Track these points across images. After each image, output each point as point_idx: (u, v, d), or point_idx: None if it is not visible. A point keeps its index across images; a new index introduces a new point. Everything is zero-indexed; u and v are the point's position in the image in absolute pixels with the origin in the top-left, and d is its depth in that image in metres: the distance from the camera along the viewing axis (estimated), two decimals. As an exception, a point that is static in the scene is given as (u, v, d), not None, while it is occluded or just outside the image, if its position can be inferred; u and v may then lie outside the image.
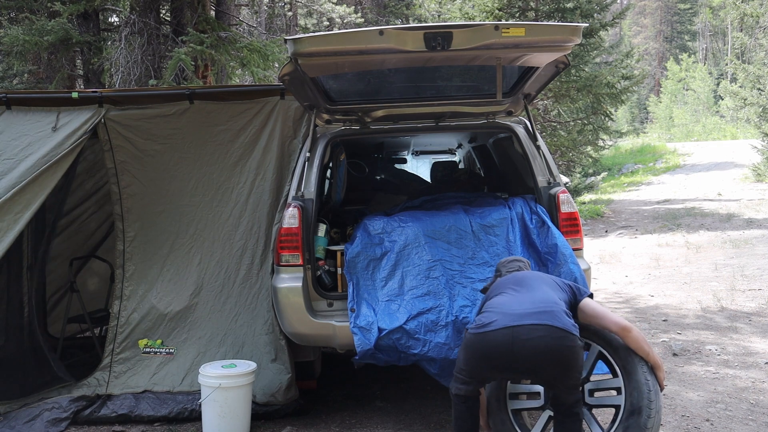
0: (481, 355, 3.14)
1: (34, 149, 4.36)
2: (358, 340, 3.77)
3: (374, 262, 4.02)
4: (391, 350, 3.79)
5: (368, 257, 4.02)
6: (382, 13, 19.63)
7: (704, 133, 35.20)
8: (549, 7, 13.49)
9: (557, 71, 3.98)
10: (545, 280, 3.37)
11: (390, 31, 3.28)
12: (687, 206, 14.82)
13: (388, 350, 3.79)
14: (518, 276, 3.43)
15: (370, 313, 3.84)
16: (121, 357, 4.51)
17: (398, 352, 3.79)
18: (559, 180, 4.34)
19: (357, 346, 3.76)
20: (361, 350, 3.76)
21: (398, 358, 3.84)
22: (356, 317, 3.83)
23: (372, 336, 3.75)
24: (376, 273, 3.99)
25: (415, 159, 7.66)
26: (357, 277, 3.99)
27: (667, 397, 4.49)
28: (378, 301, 3.90)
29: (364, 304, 3.89)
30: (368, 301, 3.91)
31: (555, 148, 13.97)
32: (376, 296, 3.92)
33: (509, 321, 3.08)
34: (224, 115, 4.65)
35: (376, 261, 4.02)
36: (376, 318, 3.80)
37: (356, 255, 4.01)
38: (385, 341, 3.76)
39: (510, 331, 3.05)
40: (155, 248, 4.63)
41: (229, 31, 9.03)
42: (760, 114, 17.86)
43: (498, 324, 3.09)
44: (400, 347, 3.76)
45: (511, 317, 3.10)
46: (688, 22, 55.08)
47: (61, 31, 8.11)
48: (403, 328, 3.75)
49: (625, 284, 8.25)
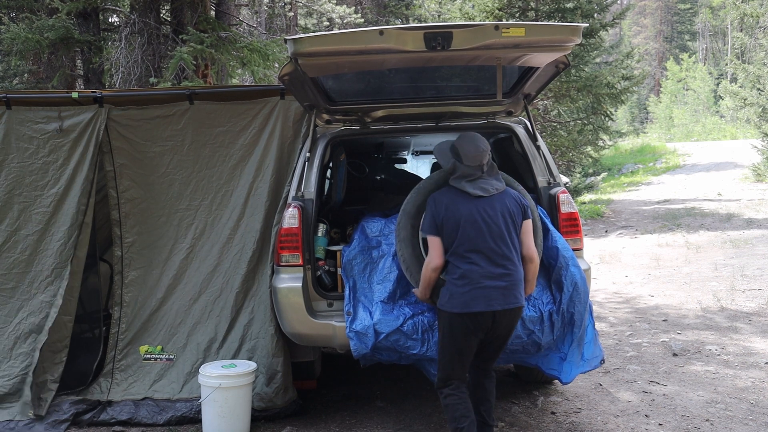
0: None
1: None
2: (354, 345, 3.77)
3: (371, 265, 4.01)
4: (390, 351, 3.79)
5: (365, 260, 4.01)
6: (382, 13, 19.63)
7: (704, 133, 35.22)
8: (549, 7, 13.49)
9: (557, 71, 3.97)
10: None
11: (390, 31, 3.28)
12: (687, 206, 14.82)
13: (388, 351, 3.80)
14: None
15: (366, 317, 3.82)
16: (122, 364, 4.51)
17: (398, 352, 3.80)
18: (559, 180, 4.34)
19: (354, 350, 3.77)
20: (358, 354, 3.77)
21: (399, 357, 3.84)
22: (352, 321, 3.82)
23: (369, 340, 3.75)
24: (372, 275, 3.98)
25: (415, 159, 7.65)
26: (354, 280, 3.98)
27: (667, 397, 4.49)
28: (374, 303, 3.88)
29: (360, 307, 3.88)
30: (364, 303, 3.90)
31: (555, 148, 13.97)
32: (372, 298, 3.91)
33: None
34: (224, 115, 4.65)
35: (372, 264, 4.01)
36: (372, 321, 3.78)
37: (353, 257, 4.01)
38: (383, 343, 3.75)
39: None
40: (154, 254, 4.63)
41: (230, 31, 9.03)
42: (760, 114, 17.85)
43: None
44: (399, 348, 3.76)
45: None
46: (688, 22, 55.09)
47: (62, 29, 8.10)
48: (400, 330, 3.74)
49: (625, 284, 8.25)
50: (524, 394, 4.60)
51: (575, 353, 3.80)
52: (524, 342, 3.75)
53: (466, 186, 3.41)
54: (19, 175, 4.60)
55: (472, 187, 3.41)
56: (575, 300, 3.76)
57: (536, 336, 3.74)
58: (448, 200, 3.42)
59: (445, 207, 3.40)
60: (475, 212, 3.37)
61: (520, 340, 3.73)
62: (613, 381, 4.88)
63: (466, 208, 3.38)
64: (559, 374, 3.82)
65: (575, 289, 3.77)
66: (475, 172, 3.44)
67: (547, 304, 3.80)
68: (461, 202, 3.40)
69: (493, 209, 3.39)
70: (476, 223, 3.35)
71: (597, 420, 4.17)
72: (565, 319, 3.77)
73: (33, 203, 4.60)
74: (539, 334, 3.75)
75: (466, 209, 3.37)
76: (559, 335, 3.79)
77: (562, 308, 3.76)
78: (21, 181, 4.60)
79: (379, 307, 3.83)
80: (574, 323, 3.75)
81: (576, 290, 3.76)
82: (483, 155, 3.46)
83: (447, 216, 3.38)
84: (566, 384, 3.87)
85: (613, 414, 4.25)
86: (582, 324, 3.77)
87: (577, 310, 3.75)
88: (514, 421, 4.15)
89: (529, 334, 3.73)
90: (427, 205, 3.52)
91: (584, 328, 3.80)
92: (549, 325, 3.76)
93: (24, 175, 4.60)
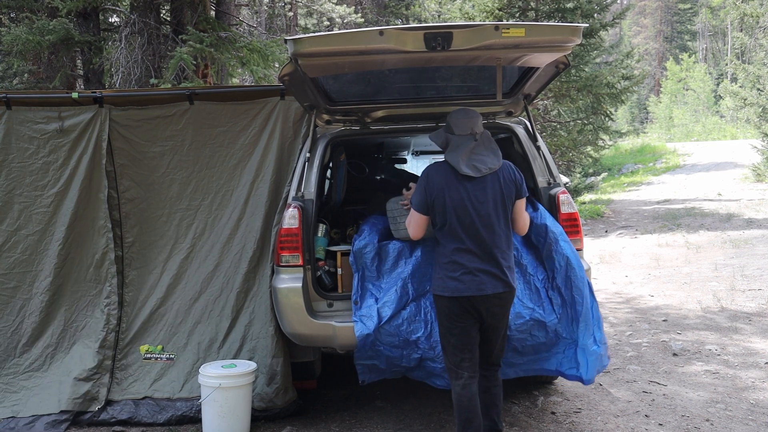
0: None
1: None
2: (358, 328, 3.77)
3: (380, 254, 4.02)
4: (393, 337, 3.76)
5: (374, 249, 4.02)
6: (382, 13, 19.62)
7: (704, 133, 35.23)
8: (549, 7, 13.49)
9: (557, 72, 3.97)
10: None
11: (390, 32, 3.28)
12: (687, 206, 14.83)
13: (391, 338, 3.77)
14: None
15: (372, 302, 3.87)
16: (122, 363, 4.51)
17: (401, 344, 3.77)
18: (559, 180, 4.34)
19: (356, 332, 3.76)
20: (360, 335, 3.75)
21: (401, 355, 3.80)
22: (359, 309, 3.87)
23: (372, 322, 3.76)
24: (381, 264, 4.01)
25: (415, 159, 7.66)
26: (363, 270, 4.00)
27: (667, 397, 4.49)
28: (381, 290, 3.92)
29: (368, 296, 3.92)
30: (371, 291, 3.94)
31: (555, 148, 13.97)
32: (380, 286, 3.94)
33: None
34: (224, 116, 4.66)
35: (382, 253, 4.02)
36: (377, 306, 3.83)
37: (363, 247, 4.01)
38: (386, 329, 3.76)
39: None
40: (154, 254, 4.64)
41: (229, 31, 9.03)
42: (760, 114, 17.85)
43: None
44: (402, 334, 3.76)
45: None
46: (688, 22, 55.10)
47: (63, 31, 8.10)
48: (402, 314, 3.78)
49: (625, 284, 8.25)
50: (524, 394, 4.60)
51: (586, 335, 3.72)
52: (529, 324, 3.72)
53: (459, 162, 3.38)
54: (19, 175, 4.61)
55: (465, 163, 3.38)
56: (570, 275, 3.75)
57: (538, 314, 3.74)
58: (441, 180, 3.41)
59: (438, 188, 3.40)
60: (466, 197, 3.36)
61: (524, 321, 3.71)
62: (613, 381, 4.88)
63: (457, 192, 3.38)
64: (578, 371, 3.74)
65: (568, 264, 3.77)
66: (468, 141, 3.43)
67: (542, 280, 3.82)
68: (453, 183, 3.39)
69: (483, 194, 3.38)
70: (466, 209, 3.36)
71: (597, 420, 4.17)
72: (564, 296, 3.76)
73: (33, 203, 4.61)
74: (540, 311, 3.75)
75: (457, 194, 3.37)
76: (563, 315, 3.75)
77: (558, 284, 3.77)
78: (21, 181, 4.61)
79: (385, 293, 3.87)
80: (575, 300, 3.73)
81: (569, 265, 3.77)
82: (474, 122, 3.47)
83: (438, 197, 3.39)
84: (588, 384, 3.79)
85: (613, 414, 4.26)
86: (584, 300, 3.72)
87: (575, 285, 3.73)
88: (514, 421, 4.15)
89: (531, 312, 3.74)
90: (420, 179, 3.51)
91: (587, 305, 3.74)
92: (548, 301, 3.78)
93: (24, 175, 4.61)
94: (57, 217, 4.59)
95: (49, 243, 4.59)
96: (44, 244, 4.59)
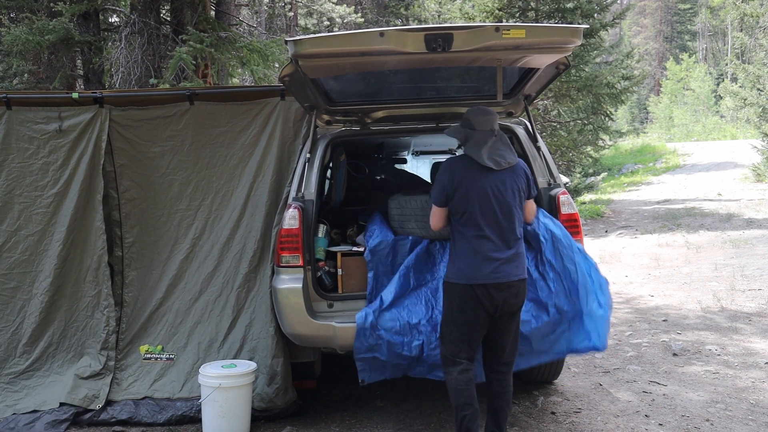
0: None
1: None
2: (360, 314, 3.80)
3: (394, 251, 4.07)
4: (393, 323, 3.77)
5: (389, 246, 4.06)
6: (382, 14, 19.63)
7: (704, 133, 35.23)
8: (549, 7, 13.49)
9: (558, 72, 3.98)
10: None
11: (390, 33, 3.28)
12: (687, 206, 14.83)
13: (391, 323, 3.77)
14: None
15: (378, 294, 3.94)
16: (122, 363, 4.52)
17: (402, 330, 3.76)
18: (559, 181, 4.34)
19: (357, 318, 3.79)
20: (360, 320, 3.78)
21: (402, 342, 3.77)
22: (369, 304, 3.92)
23: (374, 305, 3.81)
24: (395, 260, 4.06)
25: (415, 159, 7.66)
26: (377, 267, 4.03)
27: (667, 397, 4.50)
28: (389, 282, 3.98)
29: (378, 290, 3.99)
30: (383, 284, 4.00)
31: (555, 148, 13.97)
32: (390, 278, 4.00)
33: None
34: (224, 116, 4.66)
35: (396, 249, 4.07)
36: (381, 293, 3.90)
37: (378, 244, 4.05)
38: (387, 313, 3.79)
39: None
40: (154, 254, 4.64)
41: (229, 31, 9.04)
42: (760, 114, 17.85)
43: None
44: (403, 318, 3.78)
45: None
46: (688, 22, 55.10)
47: (62, 31, 8.11)
48: (404, 299, 3.84)
49: (625, 284, 8.26)
50: (524, 394, 4.60)
51: (590, 301, 3.72)
52: (530, 306, 3.72)
53: (481, 155, 3.48)
54: (19, 175, 4.61)
55: (487, 156, 3.48)
56: (558, 246, 3.80)
57: (533, 293, 3.76)
58: (462, 172, 3.50)
59: (459, 180, 3.48)
60: (488, 187, 3.46)
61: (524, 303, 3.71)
62: (613, 381, 4.88)
63: (479, 182, 3.47)
64: (590, 341, 3.74)
65: (553, 237, 3.83)
66: (488, 136, 3.53)
67: (531, 260, 3.85)
68: (475, 174, 3.48)
69: (503, 184, 3.50)
70: (488, 198, 3.45)
71: (597, 420, 4.17)
72: (556, 269, 3.79)
73: (33, 203, 4.61)
74: (534, 289, 3.78)
75: (480, 183, 3.46)
76: (558, 289, 3.76)
77: (547, 257, 3.80)
78: (21, 182, 4.61)
79: (392, 284, 3.92)
80: (568, 270, 3.76)
81: (555, 238, 3.82)
82: (493, 119, 3.58)
83: (459, 188, 3.47)
84: (603, 350, 3.83)
85: (613, 414, 4.26)
86: (578, 268, 3.75)
87: (565, 254, 3.78)
88: (514, 421, 4.15)
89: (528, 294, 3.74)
90: (440, 172, 3.58)
91: (583, 271, 3.76)
92: (540, 278, 3.81)
93: (24, 175, 4.61)
94: (57, 218, 4.59)
95: (49, 243, 4.59)
96: (44, 245, 4.59)
